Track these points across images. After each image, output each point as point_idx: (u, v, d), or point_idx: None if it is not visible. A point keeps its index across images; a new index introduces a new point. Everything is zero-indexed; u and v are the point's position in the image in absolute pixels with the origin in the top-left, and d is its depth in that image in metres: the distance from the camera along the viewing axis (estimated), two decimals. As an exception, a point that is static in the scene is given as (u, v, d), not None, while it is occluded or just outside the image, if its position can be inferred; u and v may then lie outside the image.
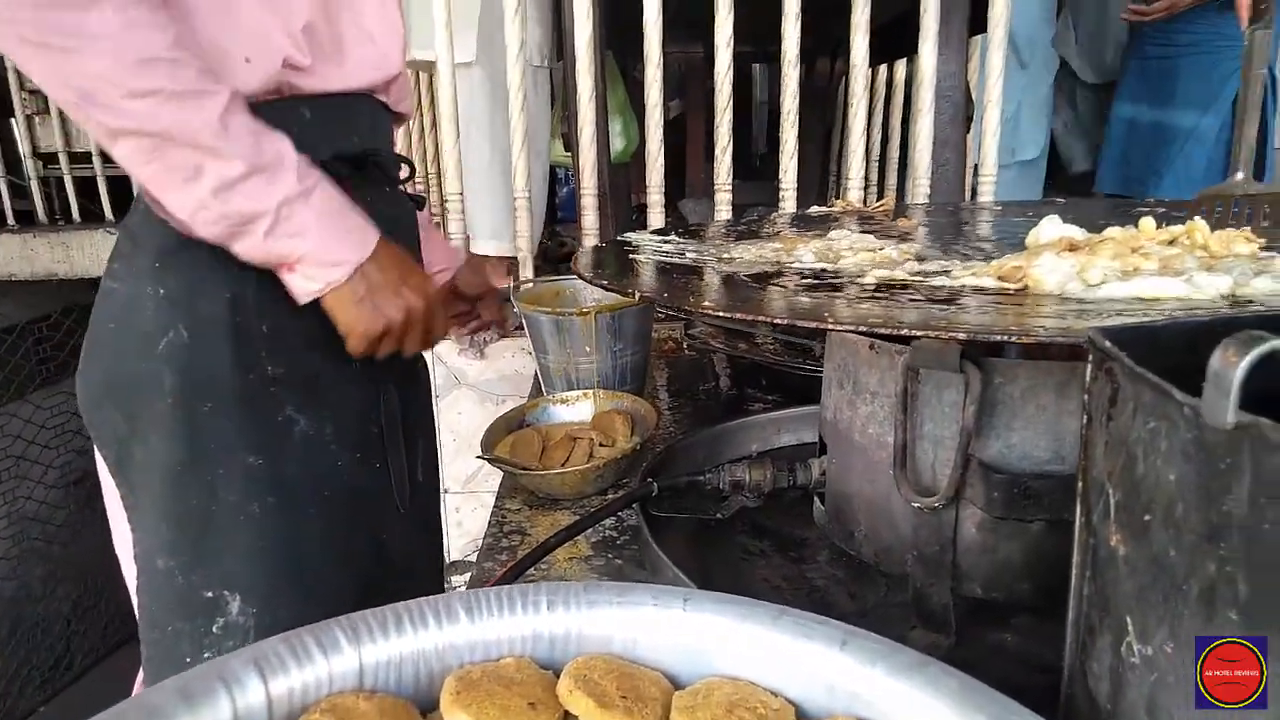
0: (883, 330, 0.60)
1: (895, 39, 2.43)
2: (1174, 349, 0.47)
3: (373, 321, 0.93)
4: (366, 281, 0.91)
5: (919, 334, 0.62)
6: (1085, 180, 3.47)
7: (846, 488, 0.98)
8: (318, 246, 0.87)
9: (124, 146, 0.79)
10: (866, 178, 2.26)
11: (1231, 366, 0.32)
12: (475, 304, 1.34)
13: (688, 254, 1.07)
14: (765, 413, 1.39)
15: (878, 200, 2.15)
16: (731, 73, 1.98)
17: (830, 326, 0.62)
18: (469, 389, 2.08)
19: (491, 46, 2.14)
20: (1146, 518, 0.40)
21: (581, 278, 0.84)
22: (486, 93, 2.23)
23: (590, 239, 2.07)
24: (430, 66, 2.17)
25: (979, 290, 0.80)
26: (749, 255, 1.04)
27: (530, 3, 2.34)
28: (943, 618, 0.83)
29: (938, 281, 0.84)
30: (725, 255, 1.05)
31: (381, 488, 1.07)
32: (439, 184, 2.31)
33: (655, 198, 2.07)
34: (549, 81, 2.53)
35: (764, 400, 1.56)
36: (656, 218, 2.07)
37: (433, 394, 2.11)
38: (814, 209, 1.51)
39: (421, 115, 2.70)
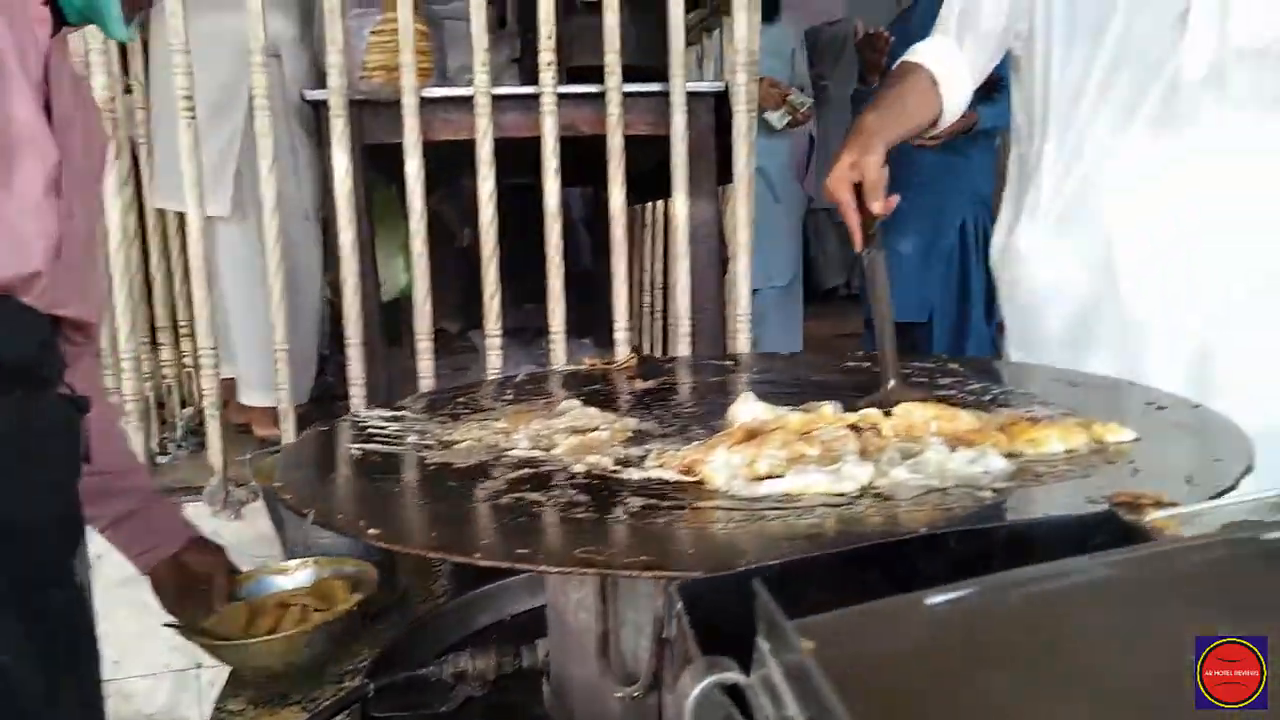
0: (517, 565, 0.62)
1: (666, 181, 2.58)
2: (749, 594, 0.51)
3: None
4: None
5: (552, 569, 0.64)
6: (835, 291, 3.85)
7: (565, 671, 0.99)
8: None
9: None
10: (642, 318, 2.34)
11: (683, 697, 0.34)
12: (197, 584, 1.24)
13: (409, 438, 1.07)
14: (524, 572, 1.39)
15: (635, 347, 2.23)
16: (496, 219, 2.03)
17: (478, 561, 0.64)
18: (226, 552, 1.97)
19: (256, 198, 2.11)
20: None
21: (270, 489, 0.82)
22: (251, 244, 2.18)
23: (357, 388, 2.03)
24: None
25: (660, 484, 0.84)
26: (469, 439, 1.05)
27: (301, 155, 2.33)
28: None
29: (628, 475, 0.88)
30: (446, 439, 1.06)
31: None
32: (192, 338, 2.22)
33: (424, 345, 2.07)
34: (319, 229, 2.49)
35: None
36: (425, 364, 2.06)
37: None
38: (570, 366, 1.55)
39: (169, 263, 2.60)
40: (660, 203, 3.53)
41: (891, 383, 1.08)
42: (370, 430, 1.10)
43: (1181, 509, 0.67)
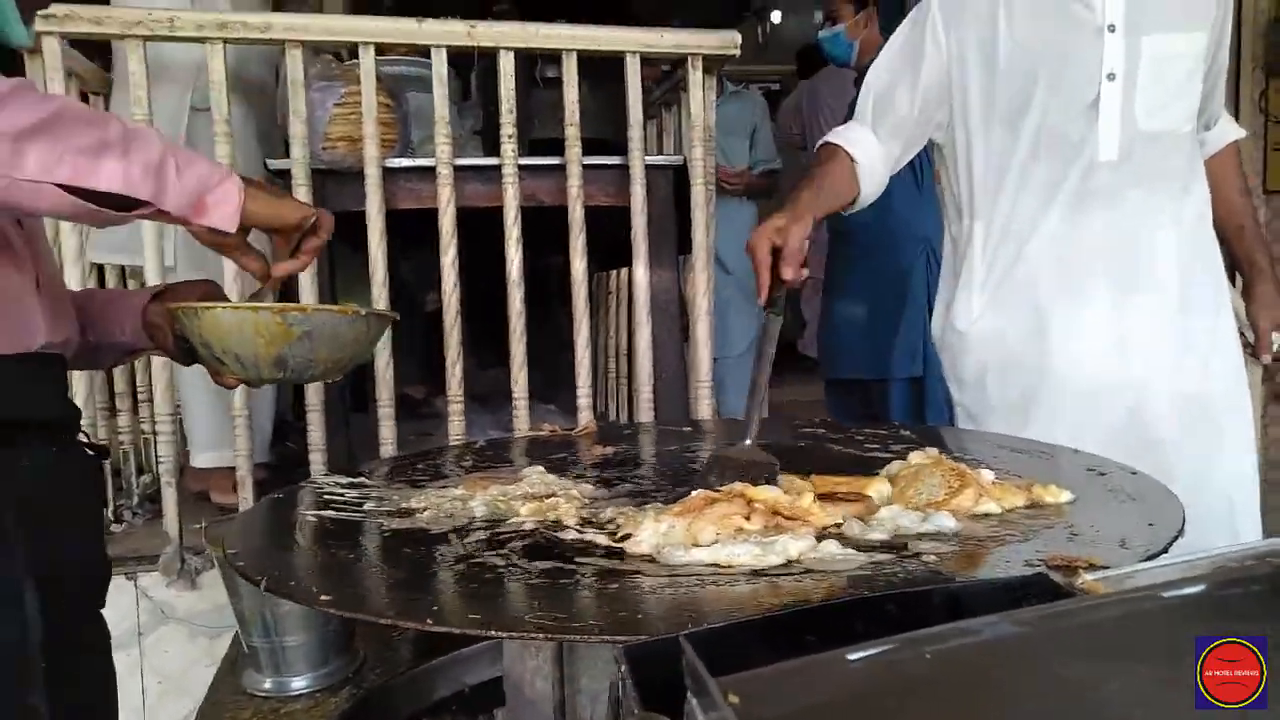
0: (468, 631, 0.63)
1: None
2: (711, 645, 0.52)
3: (299, 209, 0.96)
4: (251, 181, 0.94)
5: (502, 635, 0.65)
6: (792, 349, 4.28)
7: (523, 741, 0.98)
8: (209, 165, 0.90)
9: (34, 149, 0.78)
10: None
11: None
12: None
13: (366, 504, 1.08)
14: (483, 641, 1.38)
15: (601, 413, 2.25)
16: (459, 286, 2.06)
17: (429, 627, 0.65)
18: (179, 625, 1.93)
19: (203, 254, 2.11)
20: None
21: (225, 557, 0.83)
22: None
23: (317, 454, 2.02)
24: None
25: (608, 551, 0.85)
26: (427, 506, 1.05)
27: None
28: None
29: (581, 541, 0.89)
30: (404, 506, 1.06)
31: None
32: (150, 403, 2.20)
33: (386, 411, 2.07)
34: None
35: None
36: (387, 431, 2.06)
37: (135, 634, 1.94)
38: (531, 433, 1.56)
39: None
40: (623, 271, 3.59)
41: (747, 442, 1.12)
42: (328, 497, 1.11)
43: (1112, 571, 0.70)
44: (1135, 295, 1.43)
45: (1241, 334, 1.57)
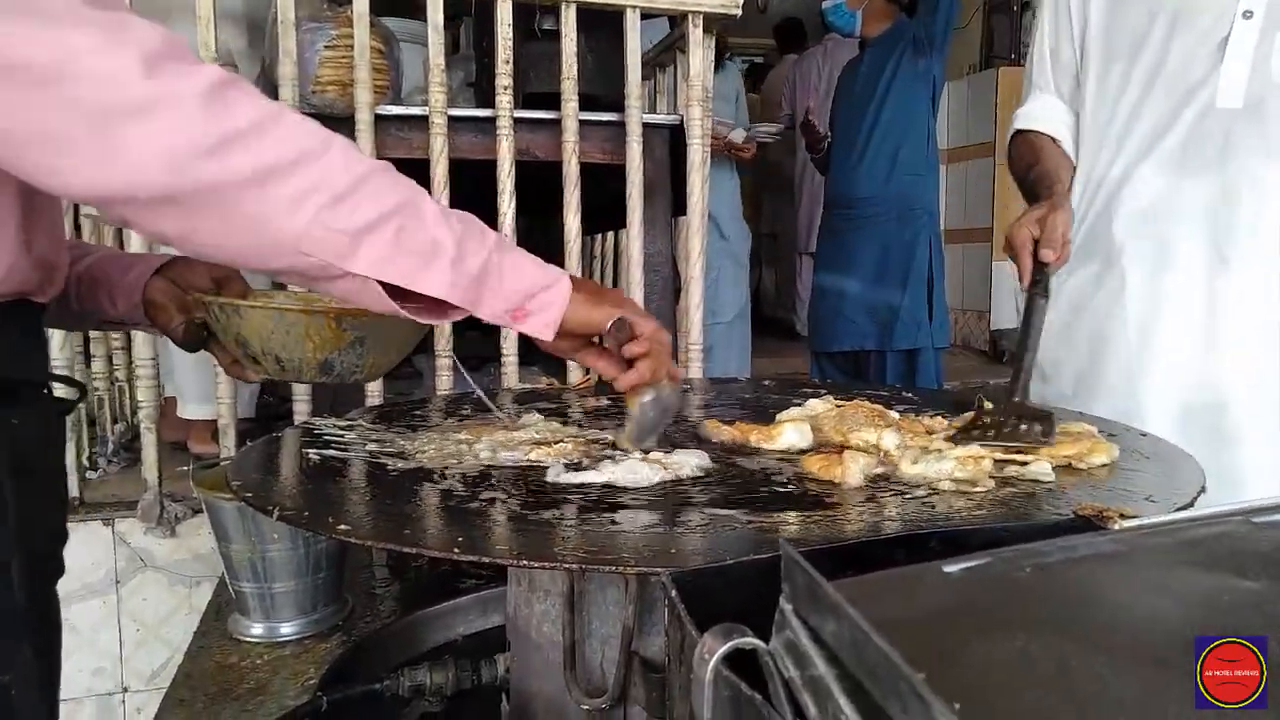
0: (475, 558, 0.61)
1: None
2: (746, 583, 0.51)
3: (613, 306, 0.89)
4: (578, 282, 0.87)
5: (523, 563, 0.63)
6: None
7: (527, 686, 0.97)
8: (536, 270, 0.84)
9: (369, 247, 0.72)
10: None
11: (703, 664, 0.34)
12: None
13: (368, 446, 1.05)
14: (477, 591, 1.37)
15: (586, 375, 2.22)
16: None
17: (456, 556, 0.63)
18: (157, 572, 1.90)
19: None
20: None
21: (214, 500, 0.80)
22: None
23: (302, 403, 1.99)
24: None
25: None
26: (431, 449, 1.03)
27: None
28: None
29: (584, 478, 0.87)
30: (407, 448, 1.04)
31: None
32: (127, 350, 2.14)
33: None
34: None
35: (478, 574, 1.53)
36: (373, 384, 2.03)
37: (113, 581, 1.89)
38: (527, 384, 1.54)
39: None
40: (610, 234, 3.55)
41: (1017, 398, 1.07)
42: (327, 438, 1.08)
43: (1144, 519, 0.69)
44: (1230, 273, 1.28)
45: None
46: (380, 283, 0.74)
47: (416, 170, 2.01)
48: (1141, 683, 0.29)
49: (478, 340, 2.95)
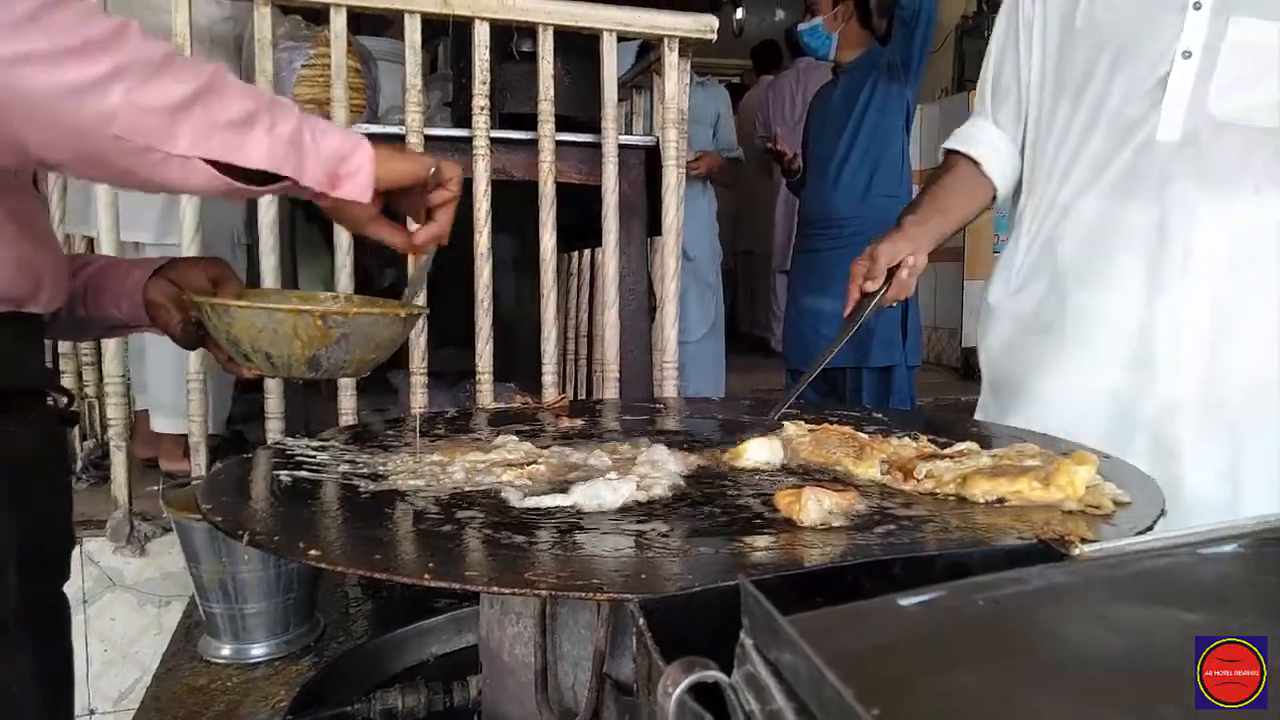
0: (469, 587, 0.62)
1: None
2: (714, 610, 0.52)
3: (421, 160, 0.90)
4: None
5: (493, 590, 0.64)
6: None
7: (499, 709, 0.97)
8: (340, 133, 0.85)
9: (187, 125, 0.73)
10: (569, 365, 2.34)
11: (665, 697, 0.35)
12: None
13: (340, 467, 1.05)
14: (451, 610, 1.37)
15: (562, 392, 2.23)
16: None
17: (429, 582, 0.63)
18: (126, 591, 1.88)
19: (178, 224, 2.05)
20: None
21: (184, 521, 0.80)
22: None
23: (275, 422, 1.98)
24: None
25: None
26: (405, 470, 1.03)
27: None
28: None
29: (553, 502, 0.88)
30: (380, 469, 1.04)
31: None
32: (97, 366, 2.12)
33: (345, 382, 2.03)
34: (245, 257, 2.45)
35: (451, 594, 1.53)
36: (348, 401, 2.03)
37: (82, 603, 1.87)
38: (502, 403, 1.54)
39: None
40: (586, 252, 3.57)
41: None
42: (299, 458, 1.08)
43: (1106, 544, 0.71)
44: (1165, 295, 1.33)
45: None
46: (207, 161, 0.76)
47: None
48: (1080, 718, 0.30)
49: (453, 356, 2.95)
